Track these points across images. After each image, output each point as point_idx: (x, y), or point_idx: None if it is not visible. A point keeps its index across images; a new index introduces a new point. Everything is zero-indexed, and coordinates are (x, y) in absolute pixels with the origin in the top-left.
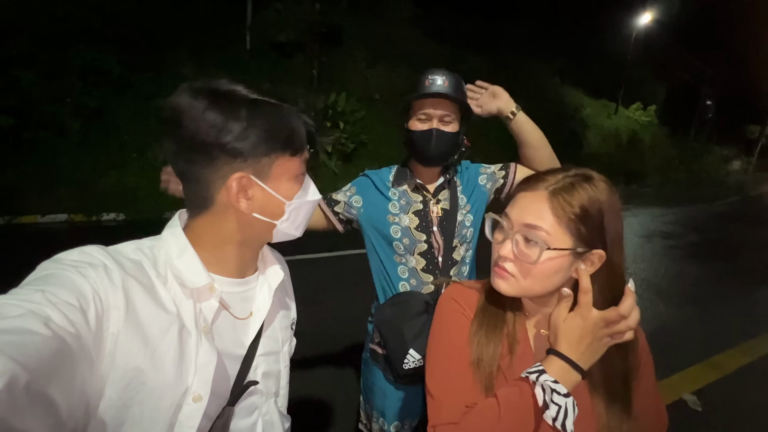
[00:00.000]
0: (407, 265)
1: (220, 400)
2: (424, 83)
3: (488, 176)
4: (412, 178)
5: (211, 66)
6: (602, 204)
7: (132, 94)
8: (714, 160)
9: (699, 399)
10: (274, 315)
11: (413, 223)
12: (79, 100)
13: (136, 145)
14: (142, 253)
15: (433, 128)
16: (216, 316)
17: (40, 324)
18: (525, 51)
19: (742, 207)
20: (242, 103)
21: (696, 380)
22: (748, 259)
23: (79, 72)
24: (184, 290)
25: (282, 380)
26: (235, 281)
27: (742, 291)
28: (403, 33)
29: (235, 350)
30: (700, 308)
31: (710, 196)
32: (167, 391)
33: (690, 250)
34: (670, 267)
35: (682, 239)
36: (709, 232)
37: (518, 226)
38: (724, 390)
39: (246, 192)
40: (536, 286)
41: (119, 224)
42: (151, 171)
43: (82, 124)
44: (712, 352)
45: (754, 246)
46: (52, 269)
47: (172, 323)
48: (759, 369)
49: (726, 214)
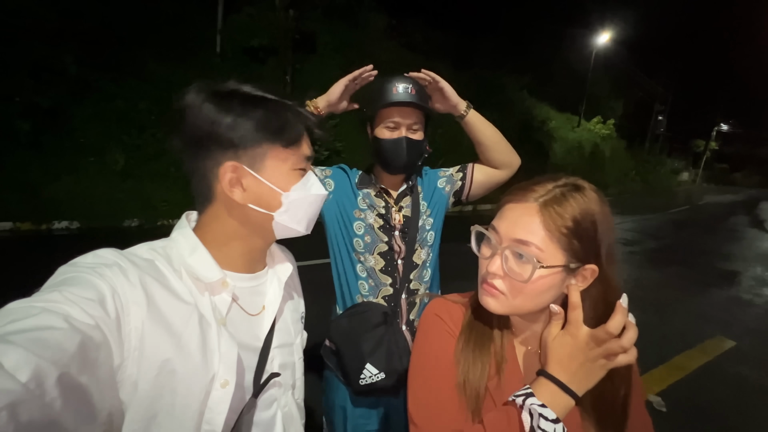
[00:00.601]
0: (365, 264)
1: (241, 391)
2: (391, 91)
3: (447, 179)
4: (377, 183)
5: (179, 68)
6: (595, 215)
7: (91, 95)
8: (666, 171)
9: (663, 399)
10: (285, 308)
11: (377, 223)
12: (29, 100)
13: (94, 148)
14: (156, 253)
15: (403, 137)
16: (229, 310)
17: (59, 320)
18: (495, 65)
19: (693, 215)
20: (237, 97)
21: (660, 381)
22: (701, 263)
23: (31, 69)
24: (198, 285)
25: (297, 372)
26: (245, 276)
27: (698, 294)
28: (377, 43)
29: (252, 342)
30: (660, 312)
31: (664, 205)
32: (196, 378)
33: (649, 256)
34: (631, 272)
35: (641, 246)
36: (665, 238)
37: (507, 241)
38: (686, 389)
39: (241, 183)
40: (527, 304)
41: (72, 233)
42: (110, 176)
43: (33, 125)
44: (674, 353)
45: (706, 251)
46: (69, 273)
47: (192, 313)
48: (716, 367)
49: (679, 222)
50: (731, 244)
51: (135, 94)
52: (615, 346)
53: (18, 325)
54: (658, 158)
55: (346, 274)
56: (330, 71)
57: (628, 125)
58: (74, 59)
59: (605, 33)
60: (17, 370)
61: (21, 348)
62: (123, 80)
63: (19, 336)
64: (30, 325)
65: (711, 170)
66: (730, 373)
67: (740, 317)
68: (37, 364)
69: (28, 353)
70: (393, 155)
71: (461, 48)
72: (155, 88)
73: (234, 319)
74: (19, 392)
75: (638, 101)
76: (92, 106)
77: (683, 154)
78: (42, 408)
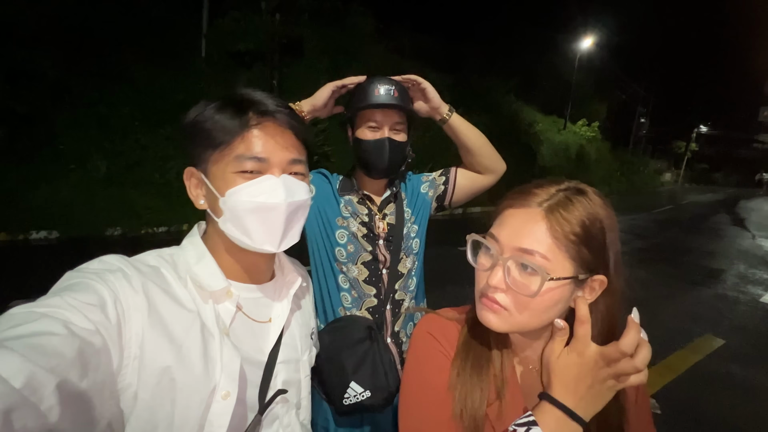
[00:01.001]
0: (348, 275)
1: (243, 406)
2: (373, 92)
3: (429, 183)
4: (359, 189)
5: (163, 72)
6: (603, 221)
7: (70, 100)
8: (649, 172)
9: (657, 401)
10: (293, 322)
11: (360, 232)
12: (5, 105)
13: (75, 155)
14: (162, 259)
15: (386, 137)
16: (233, 320)
17: (58, 325)
18: (482, 69)
19: (677, 214)
20: (194, 109)
21: (653, 383)
22: (687, 262)
23: (6, 74)
24: (202, 293)
25: (303, 390)
26: (251, 287)
27: (685, 293)
28: (364, 47)
29: (256, 356)
30: (650, 311)
31: (648, 205)
32: (196, 388)
33: (636, 255)
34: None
35: (628, 245)
36: (651, 238)
37: (510, 251)
38: (679, 390)
39: (201, 188)
40: (533, 321)
41: (51, 243)
42: (90, 184)
43: (9, 132)
44: (666, 353)
45: (691, 250)
46: (74, 278)
47: (194, 321)
48: (706, 367)
49: (663, 221)
50: (715, 243)
51: (117, 99)
52: (628, 366)
53: (17, 331)
54: (642, 159)
55: (327, 286)
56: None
57: (612, 127)
58: (52, 63)
59: (588, 37)
60: (12, 376)
61: (16, 354)
62: (105, 85)
63: (16, 342)
64: (29, 331)
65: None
66: (721, 372)
67: (727, 315)
68: (32, 370)
69: (23, 360)
70: (375, 157)
71: (448, 52)
72: (138, 93)
73: (238, 330)
74: (13, 399)
75: (621, 104)
76: (72, 112)
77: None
78: (38, 415)
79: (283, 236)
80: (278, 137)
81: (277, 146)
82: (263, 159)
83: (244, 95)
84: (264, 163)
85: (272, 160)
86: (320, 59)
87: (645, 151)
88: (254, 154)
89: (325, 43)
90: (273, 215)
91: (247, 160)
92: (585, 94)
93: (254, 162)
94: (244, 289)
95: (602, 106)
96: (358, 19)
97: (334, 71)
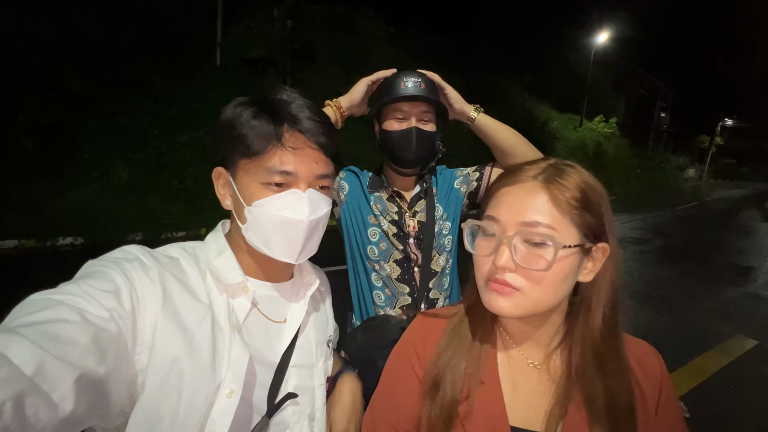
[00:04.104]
0: (381, 273)
1: (249, 407)
2: (399, 85)
3: (463, 178)
4: (389, 186)
5: (180, 82)
6: (596, 188)
7: (93, 111)
8: (671, 168)
9: (685, 405)
10: (309, 326)
11: (391, 230)
12: (32, 118)
13: (98, 164)
14: (185, 252)
15: (413, 126)
16: (248, 317)
17: (73, 313)
18: (494, 68)
19: (702, 211)
20: (230, 106)
21: (680, 386)
22: (714, 260)
23: (34, 88)
24: (218, 285)
25: (317, 400)
26: (267, 285)
27: (713, 292)
28: (376, 50)
29: (268, 356)
30: (676, 311)
31: (671, 203)
32: (203, 383)
33: (660, 254)
34: (643, 272)
35: (651, 244)
36: (675, 236)
37: (515, 227)
38: (708, 394)
39: (228, 190)
40: (547, 297)
41: (76, 249)
42: (113, 191)
43: (37, 143)
44: (692, 355)
45: (718, 247)
46: (94, 266)
47: (206, 314)
48: (739, 370)
49: (688, 219)
50: (744, 240)
51: (137, 109)
52: None
53: (31, 318)
54: (663, 155)
55: (361, 283)
56: (329, 80)
57: (631, 123)
58: (76, 76)
59: (603, 32)
60: (23, 363)
61: (28, 341)
62: (124, 96)
63: (29, 329)
64: (42, 318)
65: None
66: (755, 374)
67: (760, 314)
68: (43, 357)
69: (35, 347)
70: (402, 148)
71: (460, 52)
72: (156, 103)
73: (252, 328)
74: (24, 385)
75: (640, 99)
76: (95, 122)
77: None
78: (50, 404)
79: (302, 250)
80: (309, 152)
81: (307, 161)
82: (292, 173)
83: (280, 103)
84: (292, 177)
85: (300, 175)
86: (332, 64)
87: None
88: (284, 168)
89: (336, 48)
90: (295, 230)
91: (276, 173)
92: (601, 90)
93: (283, 176)
94: (260, 287)
95: (620, 102)
96: (368, 22)
97: (345, 75)
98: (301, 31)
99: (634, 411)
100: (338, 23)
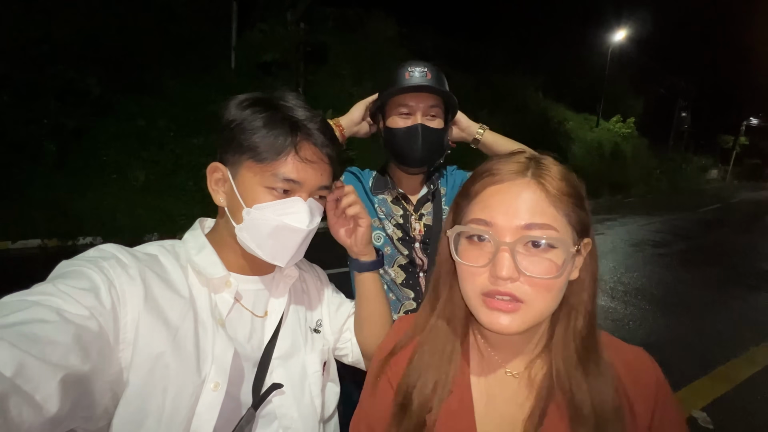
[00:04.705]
0: (385, 278)
1: (236, 401)
2: (404, 76)
3: None
4: (394, 188)
5: (195, 85)
6: (575, 177)
7: (113, 115)
8: (693, 169)
9: (709, 416)
10: (291, 317)
11: (395, 235)
12: (56, 121)
13: (117, 166)
14: (163, 248)
15: (418, 123)
16: (231, 311)
17: (50, 313)
18: (507, 68)
19: (725, 214)
20: (249, 100)
21: (704, 395)
22: (739, 264)
23: (57, 93)
24: (200, 279)
25: (313, 388)
26: (251, 278)
27: (738, 297)
28: (388, 51)
29: (252, 350)
30: (698, 317)
31: (693, 205)
32: (188, 377)
33: (680, 257)
34: (663, 275)
35: (671, 247)
36: (697, 239)
37: (515, 232)
38: (735, 404)
39: (223, 186)
40: (552, 305)
41: None
42: (131, 192)
43: (59, 146)
44: (718, 362)
45: (742, 251)
46: (69, 266)
47: (189, 309)
48: (767, 378)
49: (710, 222)
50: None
51: (154, 112)
52: None
53: (7, 320)
54: (684, 156)
55: None
56: (341, 81)
57: (650, 123)
58: (97, 81)
59: (620, 30)
60: (2, 365)
61: (6, 343)
62: (143, 99)
63: (6, 330)
64: (19, 319)
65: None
66: None
67: None
68: (23, 359)
69: (13, 348)
70: (407, 146)
71: (472, 53)
72: (173, 105)
73: (235, 322)
74: (4, 386)
75: (659, 98)
76: (114, 125)
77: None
78: (34, 405)
79: (294, 255)
80: (316, 164)
81: (312, 172)
82: (298, 182)
83: (290, 111)
84: (297, 185)
85: (306, 184)
86: (344, 65)
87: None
88: (291, 177)
89: (348, 50)
90: (292, 237)
91: (282, 180)
92: (619, 90)
93: (288, 183)
94: (243, 280)
95: (638, 101)
96: (380, 24)
97: (357, 77)
98: (314, 34)
99: (622, 413)
100: (350, 25)
